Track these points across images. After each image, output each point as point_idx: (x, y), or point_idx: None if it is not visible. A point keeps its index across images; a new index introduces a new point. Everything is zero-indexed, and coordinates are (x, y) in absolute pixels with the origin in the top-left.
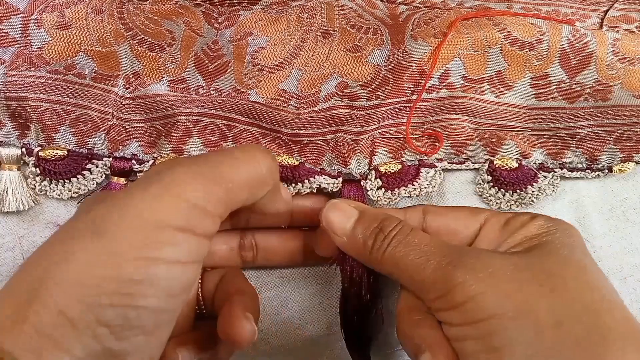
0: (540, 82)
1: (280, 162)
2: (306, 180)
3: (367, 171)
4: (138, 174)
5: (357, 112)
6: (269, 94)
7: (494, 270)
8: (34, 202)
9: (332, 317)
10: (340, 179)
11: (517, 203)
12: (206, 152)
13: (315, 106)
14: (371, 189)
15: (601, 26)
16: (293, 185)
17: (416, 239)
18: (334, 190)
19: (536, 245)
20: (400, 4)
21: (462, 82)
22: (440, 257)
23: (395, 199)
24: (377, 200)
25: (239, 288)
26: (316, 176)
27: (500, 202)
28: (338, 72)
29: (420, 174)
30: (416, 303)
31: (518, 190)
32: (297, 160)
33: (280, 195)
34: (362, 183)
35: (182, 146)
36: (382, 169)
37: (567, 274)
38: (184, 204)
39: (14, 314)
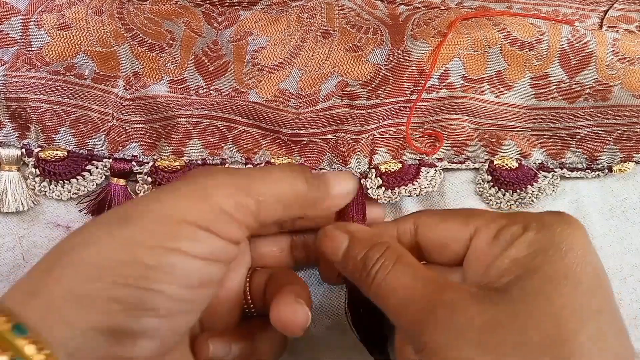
0: (540, 82)
1: (278, 164)
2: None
3: (367, 170)
4: (138, 176)
5: (357, 111)
6: (269, 94)
7: (464, 329)
8: (33, 203)
9: (335, 318)
10: None
11: (517, 203)
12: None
13: (315, 105)
14: (371, 187)
15: (601, 26)
16: None
17: (399, 272)
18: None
19: (521, 276)
20: (400, 4)
21: (462, 82)
22: (419, 302)
23: (395, 198)
24: (378, 199)
25: (290, 281)
26: (312, 171)
27: (500, 202)
28: (338, 71)
29: (421, 173)
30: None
31: (518, 190)
32: (295, 162)
33: (322, 207)
34: (362, 182)
35: (182, 148)
36: (382, 167)
37: (544, 326)
38: (210, 207)
39: (30, 288)
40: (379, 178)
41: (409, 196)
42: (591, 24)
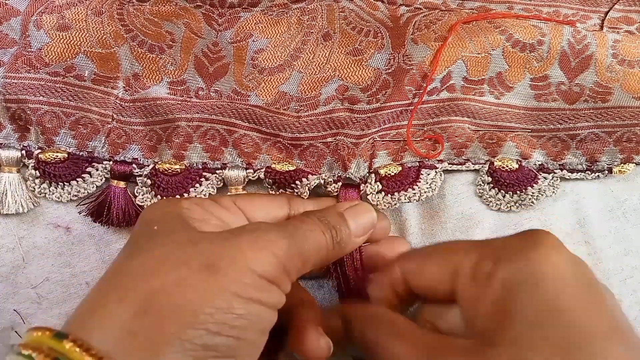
0: (540, 84)
1: (278, 169)
2: (297, 181)
3: (367, 175)
4: (138, 178)
5: (358, 115)
6: (269, 96)
7: None
8: (33, 205)
9: None
10: (340, 184)
11: (517, 204)
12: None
13: (316, 109)
14: (371, 192)
15: (602, 27)
16: (287, 187)
17: (396, 344)
18: (333, 193)
19: (505, 325)
20: (401, 5)
21: (463, 83)
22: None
23: (395, 203)
24: (377, 205)
25: (300, 298)
26: (310, 176)
27: (500, 204)
28: (338, 75)
29: (421, 176)
30: None
31: (518, 192)
32: (294, 166)
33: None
34: (361, 187)
35: (183, 152)
36: (382, 172)
37: None
38: (279, 265)
39: (126, 326)
40: (378, 183)
41: (408, 202)
42: (592, 25)
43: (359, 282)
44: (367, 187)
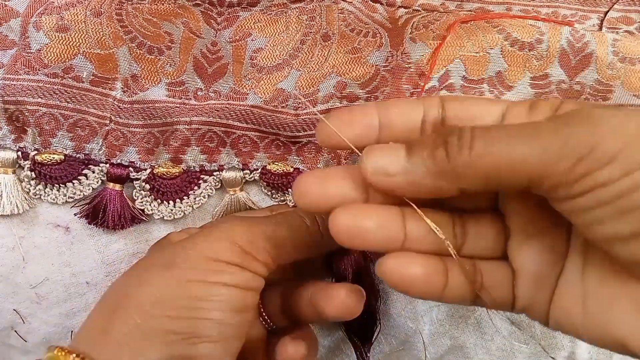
0: (540, 82)
1: (275, 171)
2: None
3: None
4: (135, 182)
5: None
6: (267, 94)
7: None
8: (28, 206)
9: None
10: None
11: None
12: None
13: (314, 107)
14: None
15: (600, 27)
16: (283, 192)
17: (498, 127)
18: None
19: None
20: (399, 7)
21: (462, 82)
22: (547, 124)
23: None
24: None
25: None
26: None
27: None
28: (336, 71)
29: None
30: None
31: None
32: (291, 167)
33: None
34: None
35: (180, 155)
36: None
37: None
38: (237, 248)
39: (101, 327)
40: None
41: None
42: (591, 26)
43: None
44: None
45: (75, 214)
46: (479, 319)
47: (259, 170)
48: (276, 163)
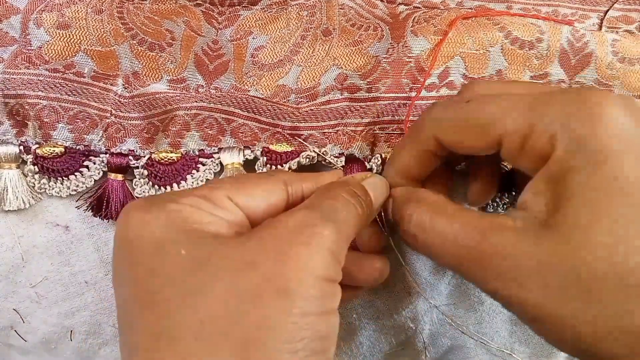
0: (540, 81)
1: (276, 150)
2: (299, 155)
3: (370, 156)
4: (135, 170)
5: (357, 104)
6: (269, 91)
7: (514, 275)
8: (34, 200)
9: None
10: (343, 160)
11: (511, 203)
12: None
13: (315, 99)
14: (376, 170)
15: (600, 27)
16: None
17: (436, 224)
18: (337, 166)
19: (559, 205)
20: (400, 4)
21: (463, 80)
22: (463, 250)
23: None
24: None
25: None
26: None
27: (498, 205)
28: (337, 63)
29: None
30: None
31: (514, 192)
32: (293, 147)
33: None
34: (366, 164)
35: (179, 139)
36: (384, 154)
37: (592, 261)
38: (335, 259)
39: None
40: (382, 166)
41: None
42: (591, 25)
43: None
44: (372, 163)
45: (78, 208)
46: (480, 319)
47: (260, 149)
48: (281, 144)
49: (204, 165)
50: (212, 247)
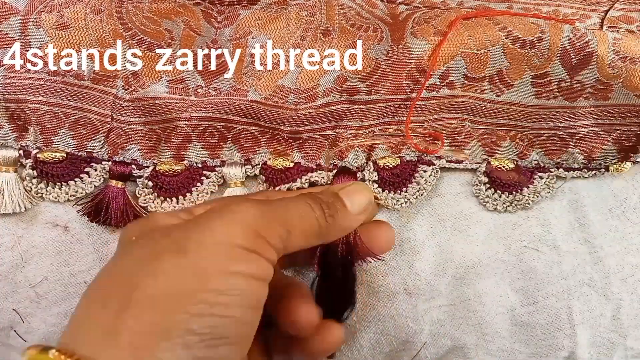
0: (541, 81)
1: (274, 166)
2: (298, 179)
3: (365, 164)
4: (138, 180)
5: (357, 106)
6: (268, 91)
7: None
8: (30, 204)
9: None
10: (334, 172)
11: (513, 204)
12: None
13: (314, 101)
14: (368, 180)
15: (601, 26)
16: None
17: None
18: (326, 182)
19: None
20: (400, 3)
21: (463, 80)
22: None
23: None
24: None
25: (286, 282)
26: (309, 173)
27: (497, 204)
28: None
29: (416, 174)
30: None
31: (514, 192)
32: (292, 162)
33: (343, 232)
34: (357, 175)
35: (182, 152)
36: (380, 162)
37: None
38: (252, 232)
39: (107, 327)
40: (375, 172)
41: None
42: (592, 24)
43: (347, 261)
44: (364, 174)
45: (77, 212)
46: (480, 319)
47: (260, 165)
48: (277, 159)
49: (207, 178)
50: (155, 231)
